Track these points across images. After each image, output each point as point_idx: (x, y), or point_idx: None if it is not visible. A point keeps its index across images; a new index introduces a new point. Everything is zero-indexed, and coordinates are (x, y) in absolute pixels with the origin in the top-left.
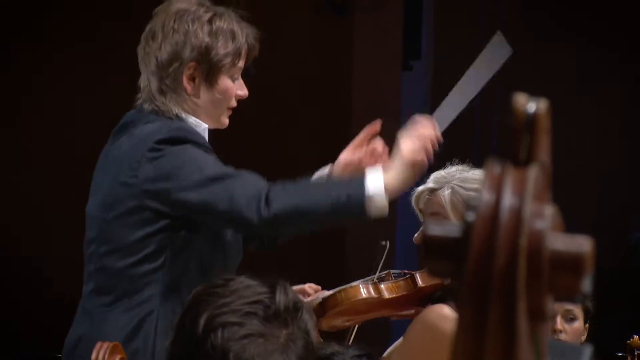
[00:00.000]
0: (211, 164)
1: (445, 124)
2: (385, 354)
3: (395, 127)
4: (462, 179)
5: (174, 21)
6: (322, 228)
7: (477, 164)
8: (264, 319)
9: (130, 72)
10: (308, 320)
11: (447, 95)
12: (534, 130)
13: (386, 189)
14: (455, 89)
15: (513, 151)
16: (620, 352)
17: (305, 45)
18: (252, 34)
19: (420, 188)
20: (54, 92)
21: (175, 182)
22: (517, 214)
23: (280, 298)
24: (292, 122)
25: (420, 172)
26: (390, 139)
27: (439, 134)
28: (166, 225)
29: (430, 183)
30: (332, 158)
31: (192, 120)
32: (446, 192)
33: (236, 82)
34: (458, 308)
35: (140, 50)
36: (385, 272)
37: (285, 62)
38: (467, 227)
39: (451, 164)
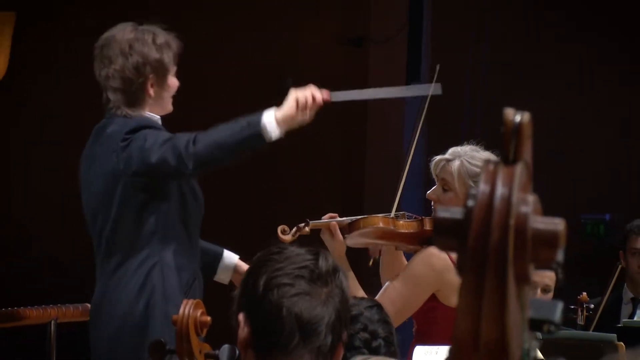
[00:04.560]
0: (162, 134)
1: (340, 99)
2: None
3: (399, 135)
4: (471, 156)
5: (129, 47)
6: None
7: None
8: (310, 280)
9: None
10: (343, 280)
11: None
12: (519, 136)
13: (276, 119)
14: (371, 90)
15: (503, 152)
16: (572, 305)
17: (327, 71)
18: (175, 39)
19: (438, 157)
20: (68, 93)
21: (141, 152)
22: (507, 201)
23: (322, 263)
24: (315, 133)
25: (303, 111)
26: (395, 146)
27: (327, 97)
28: (146, 195)
29: (447, 154)
30: (347, 157)
31: (148, 114)
32: (456, 163)
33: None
34: (461, 274)
35: (101, 72)
36: (401, 212)
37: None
38: (468, 211)
39: (467, 143)
